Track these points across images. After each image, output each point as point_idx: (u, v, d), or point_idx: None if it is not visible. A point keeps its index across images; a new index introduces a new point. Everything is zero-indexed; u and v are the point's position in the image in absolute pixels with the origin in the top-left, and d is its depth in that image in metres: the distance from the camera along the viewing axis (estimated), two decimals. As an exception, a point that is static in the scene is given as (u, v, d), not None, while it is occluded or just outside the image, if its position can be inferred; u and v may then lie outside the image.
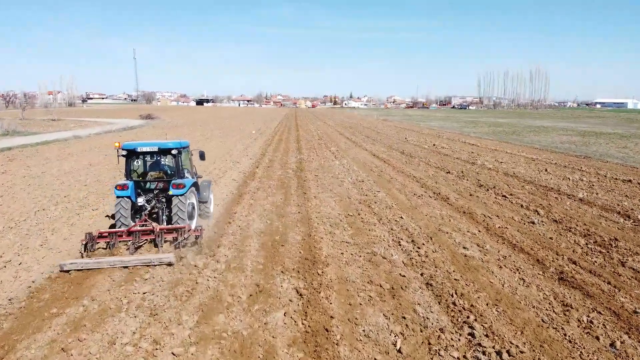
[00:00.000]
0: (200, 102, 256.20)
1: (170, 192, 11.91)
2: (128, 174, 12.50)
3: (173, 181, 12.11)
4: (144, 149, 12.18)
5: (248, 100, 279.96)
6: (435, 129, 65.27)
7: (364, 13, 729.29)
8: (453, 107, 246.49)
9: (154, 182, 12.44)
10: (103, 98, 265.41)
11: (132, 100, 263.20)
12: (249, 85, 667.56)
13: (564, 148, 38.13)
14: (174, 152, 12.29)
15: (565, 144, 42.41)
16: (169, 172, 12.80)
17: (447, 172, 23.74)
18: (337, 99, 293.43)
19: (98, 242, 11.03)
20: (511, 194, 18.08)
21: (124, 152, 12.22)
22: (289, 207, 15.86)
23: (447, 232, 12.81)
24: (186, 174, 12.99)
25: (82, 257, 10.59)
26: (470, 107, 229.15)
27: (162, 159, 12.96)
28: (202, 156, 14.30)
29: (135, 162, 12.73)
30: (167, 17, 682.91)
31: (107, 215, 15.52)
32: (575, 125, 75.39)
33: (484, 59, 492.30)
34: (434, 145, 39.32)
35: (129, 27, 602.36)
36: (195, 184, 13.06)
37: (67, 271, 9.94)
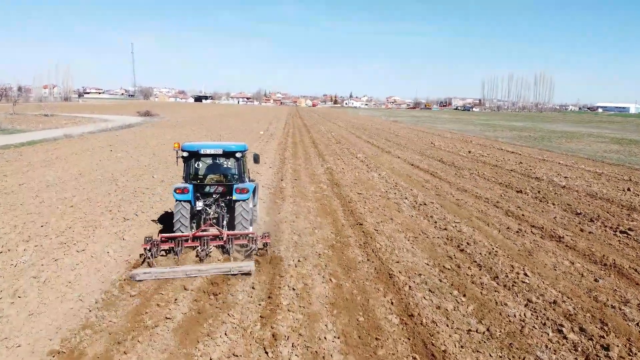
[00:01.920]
0: (198, 99, 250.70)
1: (234, 197, 11.10)
2: (187, 176, 11.63)
3: (236, 186, 11.23)
4: (208, 151, 11.48)
5: (247, 98, 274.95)
6: (455, 132, 60.96)
7: (365, 13, 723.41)
8: (456, 108, 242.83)
9: (213, 186, 11.54)
10: (100, 93, 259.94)
11: (129, 95, 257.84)
12: (248, 82, 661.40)
13: (615, 159, 33.90)
14: (237, 155, 11.63)
15: (611, 153, 38.23)
16: (229, 175, 11.93)
17: (518, 191, 19.37)
18: (337, 99, 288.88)
19: (162, 250, 10.10)
20: (630, 229, 13.74)
21: (185, 154, 11.40)
22: (351, 249, 11.44)
23: (613, 307, 8.44)
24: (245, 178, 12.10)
25: (149, 265, 9.67)
26: (473, 109, 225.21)
27: (225, 162, 12.11)
28: (256, 159, 13.29)
29: (195, 165, 11.82)
30: (165, 11, 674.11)
31: (154, 220, 13.69)
32: (597, 130, 71.38)
33: (482, 61, 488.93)
34: (469, 152, 35.00)
35: (127, 21, 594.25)
36: (254, 189, 12.27)
37: (139, 281, 9.05)
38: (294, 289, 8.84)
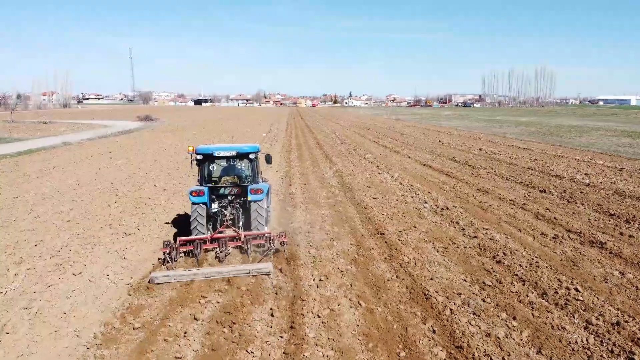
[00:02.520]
0: (198, 102, 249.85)
1: (249, 198, 11.23)
2: (202, 179, 11.70)
3: (251, 186, 11.31)
4: (222, 154, 11.57)
5: (247, 100, 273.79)
6: (461, 129, 59.86)
7: (362, 12, 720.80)
8: (457, 105, 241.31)
9: (228, 188, 11.64)
10: (99, 98, 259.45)
11: (128, 100, 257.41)
12: (247, 84, 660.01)
13: (631, 153, 32.83)
14: (251, 156, 11.70)
15: (624, 147, 37.14)
16: (243, 177, 11.99)
17: (542, 191, 18.27)
18: (337, 98, 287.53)
19: (181, 253, 10.40)
20: (674, 231, 12.65)
21: (199, 157, 11.46)
22: (376, 263, 10.36)
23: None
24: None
25: (167, 269, 9.80)
26: (474, 105, 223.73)
27: (238, 164, 12.13)
28: (268, 160, 13.05)
29: (210, 167, 11.87)
30: (163, 14, 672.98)
31: (167, 223, 13.84)
32: (603, 123, 70.24)
33: (480, 57, 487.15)
34: (480, 149, 33.92)
35: (124, 26, 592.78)
36: (268, 189, 12.22)
37: (159, 284, 9.07)
38: (319, 316, 7.77)
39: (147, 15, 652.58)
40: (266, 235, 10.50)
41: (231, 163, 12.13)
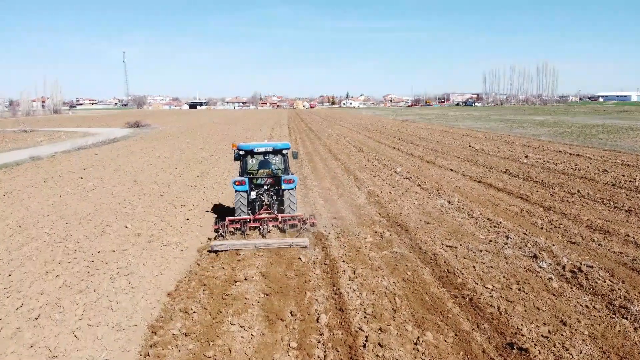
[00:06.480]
0: (193, 106, 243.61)
1: (283, 187, 13.18)
2: (244, 171, 13.51)
3: (284, 177, 13.22)
4: (260, 149, 13.40)
5: (243, 102, 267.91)
6: (482, 130, 54.42)
7: (357, 12, 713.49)
8: (457, 104, 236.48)
9: (264, 178, 13.39)
10: (93, 104, 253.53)
11: (122, 105, 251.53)
12: (243, 86, 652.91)
13: None
14: (284, 152, 13.55)
15: (688, 149, 31.73)
16: (277, 169, 13.74)
17: (679, 228, 12.73)
18: (334, 99, 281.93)
19: (231, 229, 12.44)
20: None
21: (241, 152, 13.34)
22: None
23: None
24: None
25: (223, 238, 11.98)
26: (476, 104, 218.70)
27: (273, 158, 13.85)
28: (295, 156, 14.73)
29: (249, 161, 13.73)
30: (157, 17, 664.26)
31: (207, 211, 15.56)
32: (631, 122, 64.92)
33: (477, 55, 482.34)
34: (527, 157, 28.41)
35: (118, 30, 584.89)
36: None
37: (217, 252, 11.25)
38: None
39: (140, 20, 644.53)
40: (298, 217, 12.55)
41: (266, 158, 13.81)
